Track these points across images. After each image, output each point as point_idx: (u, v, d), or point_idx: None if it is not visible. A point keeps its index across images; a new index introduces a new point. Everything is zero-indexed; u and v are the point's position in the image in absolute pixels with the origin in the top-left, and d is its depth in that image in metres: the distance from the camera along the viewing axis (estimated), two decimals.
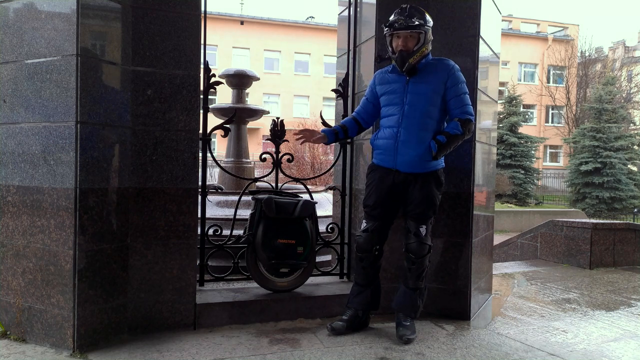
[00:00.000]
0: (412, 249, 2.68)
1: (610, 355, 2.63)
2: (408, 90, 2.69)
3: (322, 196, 4.86)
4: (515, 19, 33.75)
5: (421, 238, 2.67)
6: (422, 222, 2.69)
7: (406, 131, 2.66)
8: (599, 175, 19.21)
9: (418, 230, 2.68)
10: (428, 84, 2.67)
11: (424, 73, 2.69)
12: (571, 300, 3.75)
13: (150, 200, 2.62)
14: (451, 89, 2.67)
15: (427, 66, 2.71)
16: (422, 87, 2.67)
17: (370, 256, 2.78)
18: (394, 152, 2.69)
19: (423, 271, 2.71)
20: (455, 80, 2.68)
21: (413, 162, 2.66)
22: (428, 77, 2.68)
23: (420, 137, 2.65)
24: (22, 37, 2.43)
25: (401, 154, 2.67)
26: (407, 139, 2.65)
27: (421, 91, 2.67)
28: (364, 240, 2.77)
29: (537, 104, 31.56)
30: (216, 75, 3.06)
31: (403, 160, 2.68)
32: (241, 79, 5.75)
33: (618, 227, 5.32)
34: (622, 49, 35.03)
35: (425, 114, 2.66)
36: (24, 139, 2.45)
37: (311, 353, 2.47)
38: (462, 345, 2.66)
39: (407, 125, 2.66)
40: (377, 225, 2.77)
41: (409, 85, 2.69)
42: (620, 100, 25.17)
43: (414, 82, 2.69)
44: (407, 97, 2.69)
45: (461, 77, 2.71)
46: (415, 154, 2.64)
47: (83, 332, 2.38)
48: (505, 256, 6.14)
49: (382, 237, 2.80)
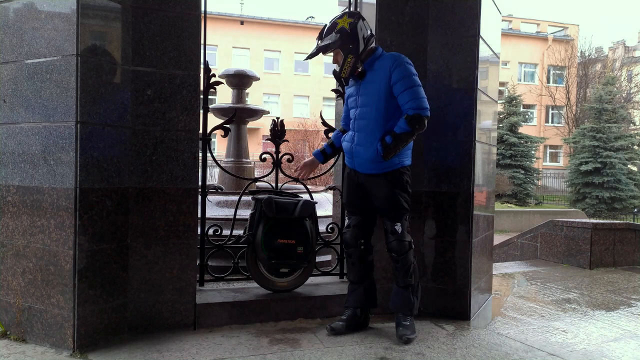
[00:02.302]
0: (392, 248, 2.70)
1: (610, 355, 2.63)
2: (360, 92, 2.72)
3: (322, 196, 4.86)
4: (515, 19, 33.75)
5: (398, 235, 2.68)
6: (396, 220, 2.70)
7: (359, 133, 2.69)
8: (599, 175, 19.22)
9: (394, 229, 2.69)
10: (374, 84, 2.65)
11: (372, 73, 2.67)
12: (571, 300, 3.75)
13: (150, 200, 2.62)
14: (397, 84, 2.59)
15: (374, 65, 2.68)
16: (369, 88, 2.67)
17: (357, 251, 2.81)
18: (351, 154, 2.74)
19: (409, 267, 2.71)
20: (400, 74, 2.58)
21: (366, 164, 2.68)
22: (374, 77, 2.66)
23: (372, 138, 2.64)
24: (22, 37, 2.43)
25: (356, 156, 2.71)
26: (360, 142, 2.68)
27: (369, 92, 2.67)
28: (349, 236, 2.83)
29: (537, 104, 31.57)
30: (216, 75, 3.06)
31: (359, 161, 2.72)
32: (241, 79, 5.75)
33: (618, 227, 5.31)
34: (622, 49, 35.04)
35: (375, 115, 2.64)
36: (24, 139, 2.45)
37: (311, 353, 2.47)
38: (462, 345, 2.66)
39: (360, 127, 2.69)
40: (358, 220, 2.82)
41: (360, 87, 2.72)
42: (620, 100, 25.17)
43: (364, 83, 2.70)
44: (359, 100, 2.71)
45: (408, 69, 2.60)
46: (367, 157, 2.66)
47: (83, 332, 2.38)
48: (505, 256, 6.14)
49: (365, 231, 2.83)
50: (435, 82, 3.14)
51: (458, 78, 3.10)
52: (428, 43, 3.14)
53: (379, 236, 2.87)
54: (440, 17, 3.12)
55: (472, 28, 3.09)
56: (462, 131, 3.09)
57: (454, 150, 3.08)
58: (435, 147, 3.14)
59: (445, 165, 3.12)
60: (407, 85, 2.58)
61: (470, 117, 3.06)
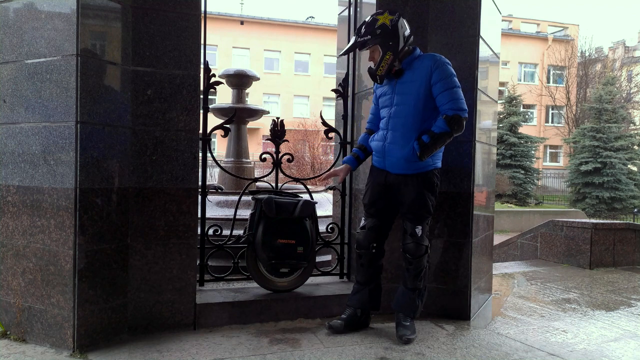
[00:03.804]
0: (409, 250, 2.69)
1: (610, 355, 2.63)
2: (396, 91, 2.69)
3: (322, 196, 4.86)
4: (515, 19, 33.76)
5: (417, 239, 2.67)
6: (417, 222, 2.69)
7: (393, 132, 2.67)
8: (599, 175, 19.23)
9: (414, 231, 2.67)
10: (413, 83, 2.64)
11: (410, 72, 2.66)
12: (571, 300, 3.75)
13: (150, 200, 2.62)
14: (437, 84, 2.59)
15: (413, 64, 2.67)
16: (407, 87, 2.65)
17: (368, 253, 2.79)
18: (383, 153, 2.72)
19: (421, 271, 2.70)
20: (441, 74, 2.58)
21: (399, 163, 2.67)
22: (413, 76, 2.65)
23: (408, 137, 2.63)
24: (22, 37, 2.43)
25: (389, 156, 2.69)
26: (394, 140, 2.66)
27: (406, 91, 2.65)
28: (363, 237, 2.80)
29: (537, 104, 31.57)
30: (216, 75, 3.06)
31: (391, 161, 2.69)
32: (241, 79, 5.75)
33: (618, 227, 5.31)
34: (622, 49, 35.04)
35: (413, 114, 2.63)
36: (24, 139, 2.45)
37: (311, 353, 2.47)
38: (462, 345, 2.66)
39: (394, 126, 2.67)
40: (374, 223, 2.79)
41: (396, 86, 2.69)
42: (620, 100, 25.17)
43: (401, 82, 2.68)
44: (394, 98, 2.69)
45: (448, 70, 2.61)
46: (401, 156, 2.64)
47: (83, 332, 2.38)
48: (505, 256, 6.14)
49: (380, 235, 2.81)
50: None
51: (458, 78, 3.09)
52: (428, 43, 3.14)
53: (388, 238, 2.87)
54: (440, 17, 3.12)
55: (472, 28, 3.09)
56: None
57: (454, 150, 3.08)
58: None
59: (445, 165, 3.11)
60: (448, 85, 2.58)
61: (470, 117, 3.05)
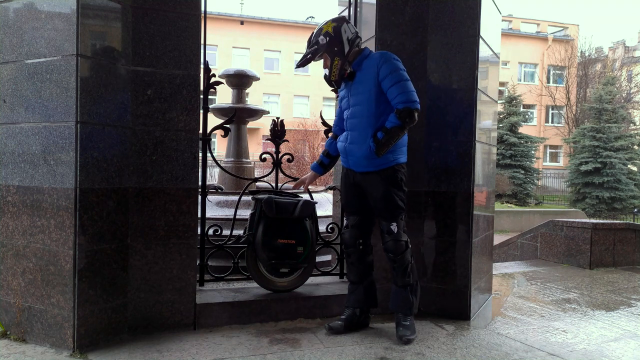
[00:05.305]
0: (389, 248, 2.70)
1: (610, 355, 2.63)
2: (351, 92, 2.75)
3: (322, 196, 4.86)
4: (515, 19, 33.74)
5: (394, 235, 2.68)
6: (391, 220, 2.69)
7: (352, 133, 2.72)
8: (599, 175, 19.22)
9: (390, 229, 2.69)
10: (364, 83, 2.68)
11: (360, 73, 2.71)
12: (571, 300, 3.75)
13: (150, 200, 2.62)
14: (385, 79, 2.60)
15: (363, 65, 2.71)
16: (360, 87, 2.70)
17: (355, 251, 2.83)
18: (345, 153, 2.77)
19: (407, 267, 2.71)
20: (388, 69, 2.60)
21: (360, 162, 2.70)
22: (364, 76, 2.69)
23: (364, 136, 2.66)
24: (22, 37, 2.43)
25: (350, 155, 2.74)
26: (353, 140, 2.71)
27: (360, 91, 2.70)
28: (348, 236, 2.85)
29: (537, 104, 31.56)
30: (216, 75, 3.06)
31: (353, 161, 2.74)
32: (241, 79, 5.76)
33: (618, 227, 5.31)
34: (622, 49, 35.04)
35: (367, 113, 2.66)
36: (24, 139, 2.45)
37: (311, 353, 2.47)
38: (462, 345, 2.66)
39: (352, 126, 2.72)
40: (356, 220, 2.84)
41: (352, 88, 2.75)
42: (620, 100, 25.17)
43: (355, 83, 2.73)
44: (351, 100, 2.74)
45: (395, 64, 2.61)
46: (361, 154, 2.68)
47: (83, 332, 2.38)
48: (505, 256, 6.14)
49: (364, 231, 2.84)
50: (435, 82, 3.14)
51: (458, 78, 3.10)
52: (428, 43, 3.15)
53: (379, 236, 2.86)
54: (440, 17, 3.12)
55: (472, 28, 3.09)
56: (462, 131, 3.09)
57: (454, 150, 3.08)
58: (435, 147, 3.15)
59: (445, 165, 3.12)
60: (395, 79, 2.59)
61: (470, 117, 3.06)
